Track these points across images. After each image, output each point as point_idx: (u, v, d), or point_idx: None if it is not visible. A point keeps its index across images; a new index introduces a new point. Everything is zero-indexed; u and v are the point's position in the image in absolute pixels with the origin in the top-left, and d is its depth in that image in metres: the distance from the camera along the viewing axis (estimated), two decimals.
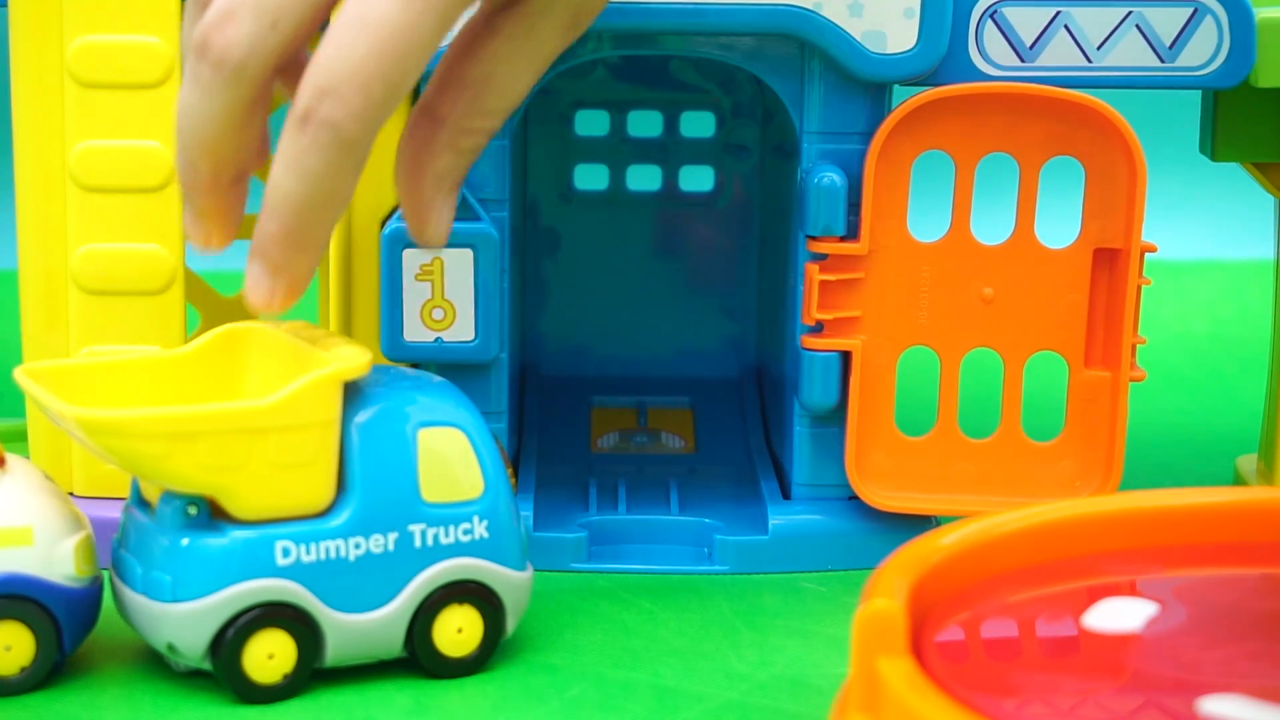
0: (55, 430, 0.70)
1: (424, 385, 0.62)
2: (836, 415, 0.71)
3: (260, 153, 0.58)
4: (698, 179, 0.84)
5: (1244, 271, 1.09)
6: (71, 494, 0.70)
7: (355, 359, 0.59)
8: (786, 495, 0.73)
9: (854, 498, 0.71)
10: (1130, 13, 0.69)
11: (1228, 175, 0.91)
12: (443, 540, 0.60)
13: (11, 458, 0.62)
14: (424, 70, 0.55)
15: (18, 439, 0.73)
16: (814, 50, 0.69)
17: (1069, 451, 0.71)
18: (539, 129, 0.83)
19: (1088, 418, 0.70)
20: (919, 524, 0.71)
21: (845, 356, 0.70)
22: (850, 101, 0.69)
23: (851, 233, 0.69)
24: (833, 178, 0.68)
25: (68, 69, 0.68)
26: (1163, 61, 0.69)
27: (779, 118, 0.80)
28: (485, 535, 0.61)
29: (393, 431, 0.60)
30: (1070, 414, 0.71)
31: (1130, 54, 0.69)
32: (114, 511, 0.70)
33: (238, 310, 0.84)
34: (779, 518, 0.71)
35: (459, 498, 0.61)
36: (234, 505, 0.59)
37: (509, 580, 0.62)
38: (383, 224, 0.70)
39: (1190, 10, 0.68)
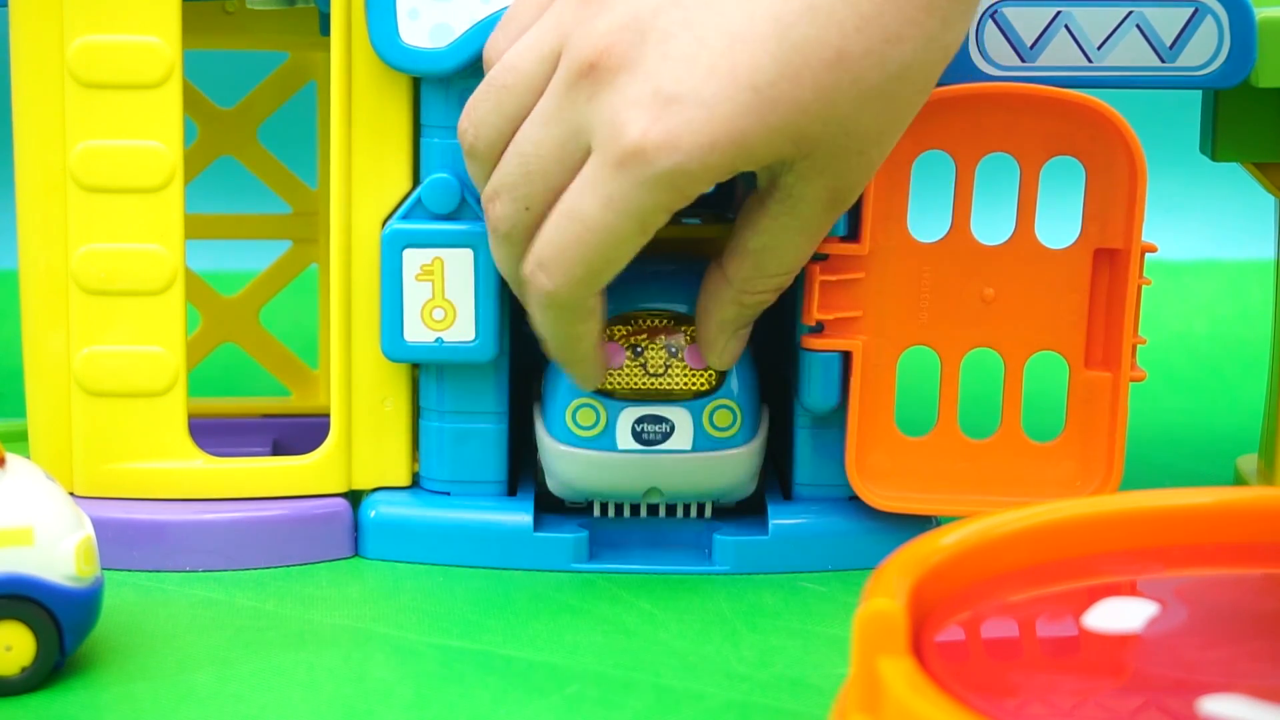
0: (56, 430, 0.70)
1: None
2: (836, 416, 0.71)
3: None
4: None
5: (1244, 271, 1.09)
6: (72, 494, 0.70)
7: None
8: (787, 495, 0.73)
9: (854, 498, 0.71)
10: (1130, 13, 0.69)
11: (1228, 175, 0.91)
12: None
13: (12, 458, 0.62)
14: (632, 253, 0.63)
15: (18, 439, 0.73)
16: None
17: (1069, 452, 0.71)
18: None
19: (1088, 418, 0.70)
20: (919, 524, 0.71)
21: (845, 357, 0.70)
22: None
23: (852, 233, 0.69)
24: None
25: (68, 69, 0.68)
26: (1163, 61, 0.69)
27: None
28: None
29: None
30: (1070, 414, 0.71)
31: (1130, 54, 0.69)
32: (114, 511, 0.70)
33: (238, 310, 0.84)
34: (779, 518, 0.71)
35: None
36: None
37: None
38: (383, 224, 0.70)
39: (1190, 10, 0.68)
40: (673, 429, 0.70)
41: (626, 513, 0.72)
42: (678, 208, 0.62)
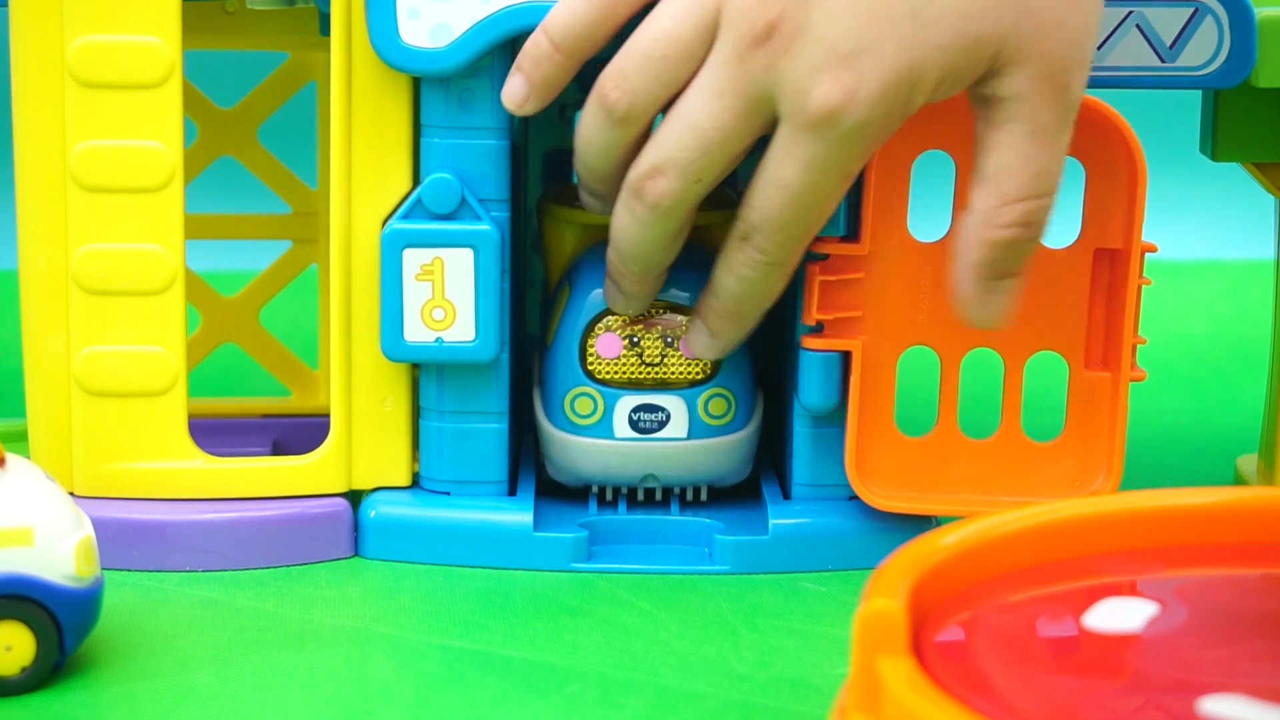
0: (56, 430, 0.70)
1: None
2: (836, 415, 0.71)
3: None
4: None
5: (1244, 271, 1.09)
6: (72, 494, 0.70)
7: None
8: (786, 495, 0.73)
9: (854, 498, 0.71)
10: (1130, 13, 0.69)
11: (1228, 175, 0.91)
12: None
13: (12, 458, 0.62)
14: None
15: (18, 439, 0.73)
16: None
17: (1070, 452, 0.71)
18: (539, 129, 0.83)
19: (1088, 418, 0.70)
20: (919, 524, 0.71)
21: (845, 356, 0.70)
22: None
23: (853, 233, 0.69)
24: None
25: (68, 69, 0.68)
26: (1163, 61, 0.69)
27: None
28: None
29: None
30: (1070, 414, 0.71)
31: (1130, 54, 0.69)
32: (114, 511, 0.70)
33: (239, 310, 0.84)
34: (779, 518, 0.71)
35: None
36: None
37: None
38: (383, 224, 0.70)
39: (1190, 10, 0.68)
40: (668, 417, 0.71)
41: (624, 496, 0.73)
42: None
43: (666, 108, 0.66)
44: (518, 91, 0.68)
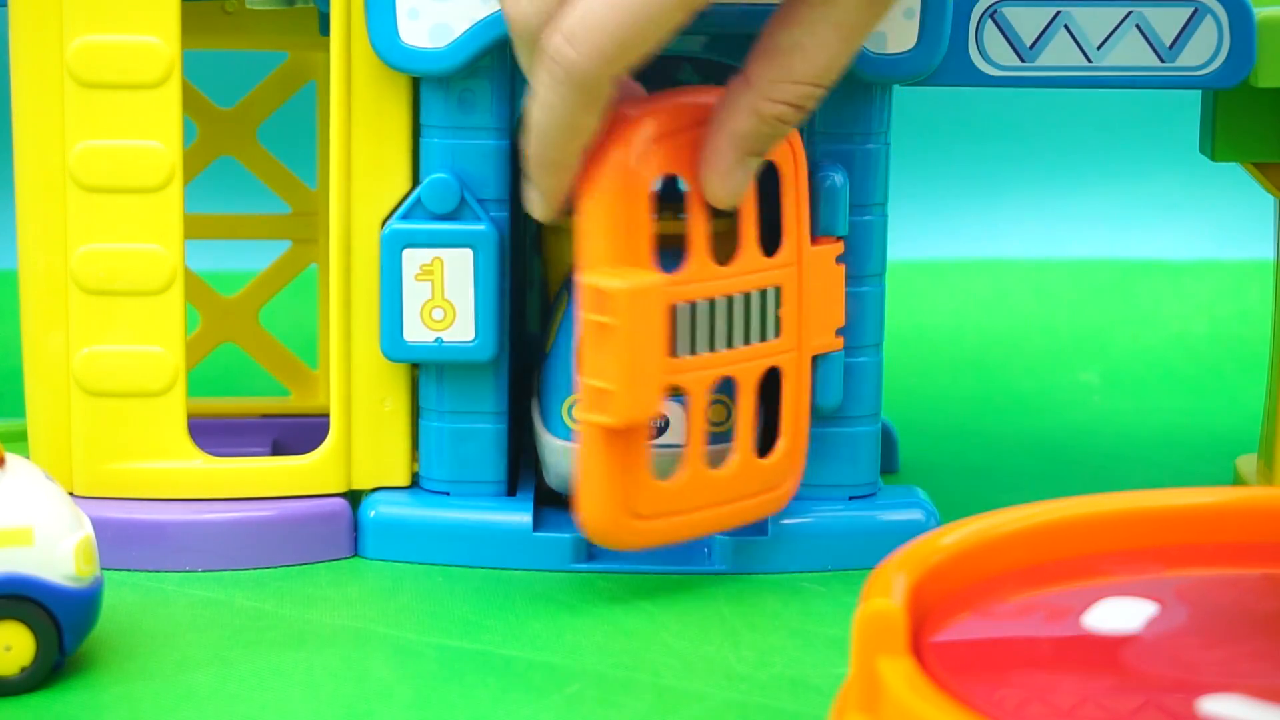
0: (55, 430, 0.70)
1: None
2: (836, 415, 0.71)
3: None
4: None
5: (1244, 271, 1.09)
6: (72, 494, 0.70)
7: None
8: None
9: (854, 497, 0.71)
10: (1130, 13, 0.69)
11: (1228, 175, 0.91)
12: None
13: (12, 458, 0.62)
14: (666, 30, 0.61)
15: (18, 439, 0.73)
16: None
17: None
18: None
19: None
20: (919, 524, 0.71)
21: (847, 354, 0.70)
22: (851, 101, 0.69)
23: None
24: (836, 178, 0.68)
25: (68, 69, 0.68)
26: (1163, 61, 0.69)
27: None
28: None
29: None
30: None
31: (1130, 54, 0.69)
32: (114, 511, 0.70)
33: (239, 310, 0.84)
34: (779, 518, 0.71)
35: None
36: None
37: None
38: (383, 224, 0.70)
39: (1190, 10, 0.68)
40: (666, 424, 0.70)
41: None
42: None
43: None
44: (537, 208, 0.67)
